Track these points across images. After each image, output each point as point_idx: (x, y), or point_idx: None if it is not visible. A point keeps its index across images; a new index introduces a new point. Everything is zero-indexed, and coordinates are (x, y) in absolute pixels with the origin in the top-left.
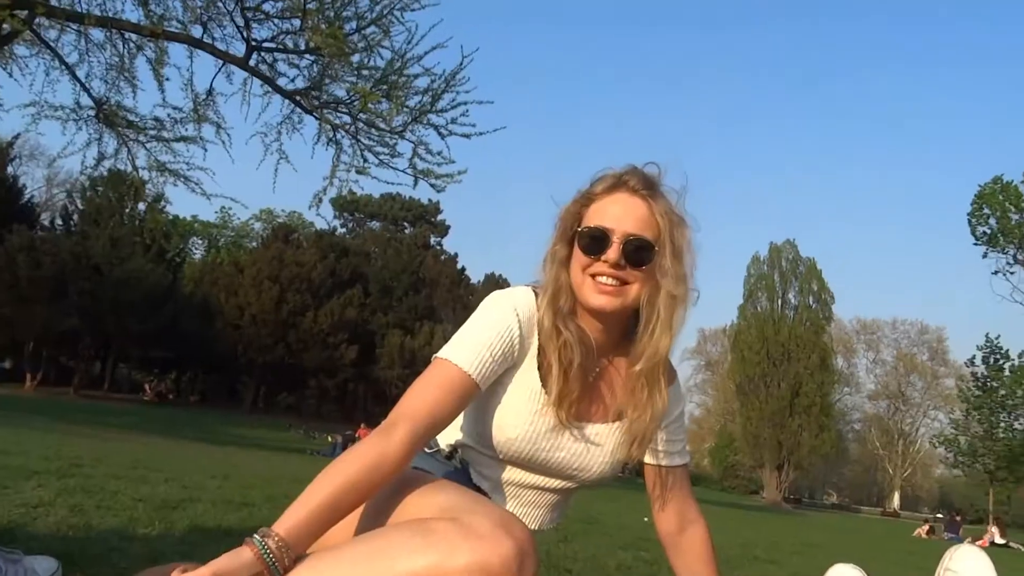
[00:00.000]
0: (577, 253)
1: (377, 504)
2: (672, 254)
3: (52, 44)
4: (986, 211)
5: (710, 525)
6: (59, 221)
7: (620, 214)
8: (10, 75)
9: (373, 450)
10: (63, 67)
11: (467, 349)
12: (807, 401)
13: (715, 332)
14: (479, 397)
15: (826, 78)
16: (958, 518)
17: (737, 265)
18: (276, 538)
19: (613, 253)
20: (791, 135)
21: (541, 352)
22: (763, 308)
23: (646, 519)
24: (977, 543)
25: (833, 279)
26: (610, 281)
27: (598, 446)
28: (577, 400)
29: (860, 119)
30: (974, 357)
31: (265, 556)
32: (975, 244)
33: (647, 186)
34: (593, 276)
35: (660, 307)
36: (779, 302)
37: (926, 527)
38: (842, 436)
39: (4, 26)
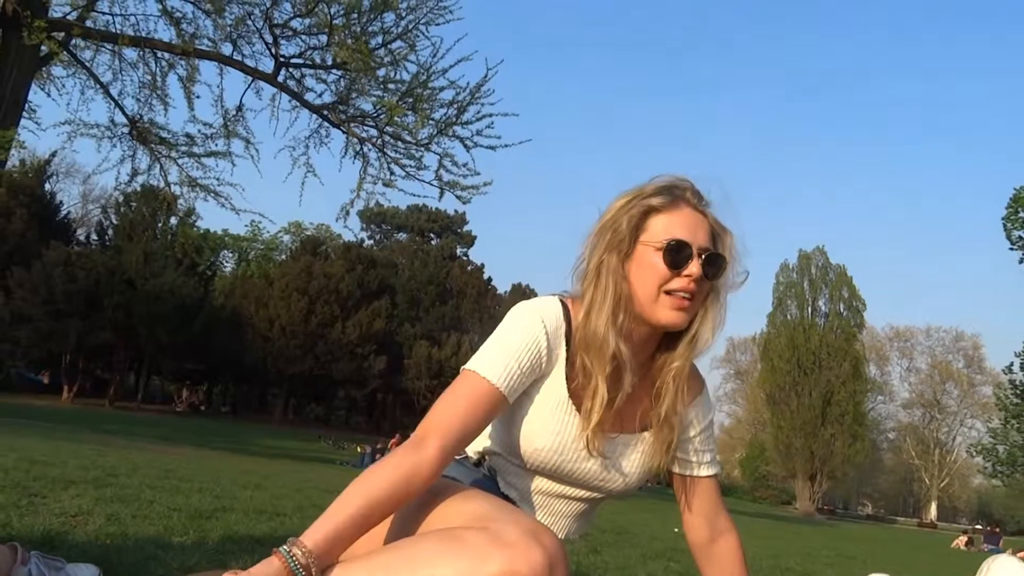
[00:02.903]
0: (651, 267)
1: (406, 512)
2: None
3: (87, 64)
4: (1021, 215)
5: (741, 536)
6: (94, 236)
7: (692, 227)
8: (47, 95)
9: (404, 463)
10: (97, 86)
11: (495, 361)
12: (839, 410)
13: (744, 341)
14: (507, 408)
15: (858, 82)
16: (997, 529)
17: (766, 273)
18: (304, 549)
19: (696, 267)
20: (820, 140)
21: (571, 364)
22: (793, 316)
23: (676, 530)
24: (1018, 555)
25: (864, 286)
26: (688, 296)
27: (625, 458)
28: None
29: (891, 122)
30: (1012, 364)
31: (292, 566)
32: (1011, 249)
33: (701, 199)
34: (668, 292)
35: (709, 314)
36: (809, 310)
37: (964, 538)
38: (876, 445)
39: (42, 48)
